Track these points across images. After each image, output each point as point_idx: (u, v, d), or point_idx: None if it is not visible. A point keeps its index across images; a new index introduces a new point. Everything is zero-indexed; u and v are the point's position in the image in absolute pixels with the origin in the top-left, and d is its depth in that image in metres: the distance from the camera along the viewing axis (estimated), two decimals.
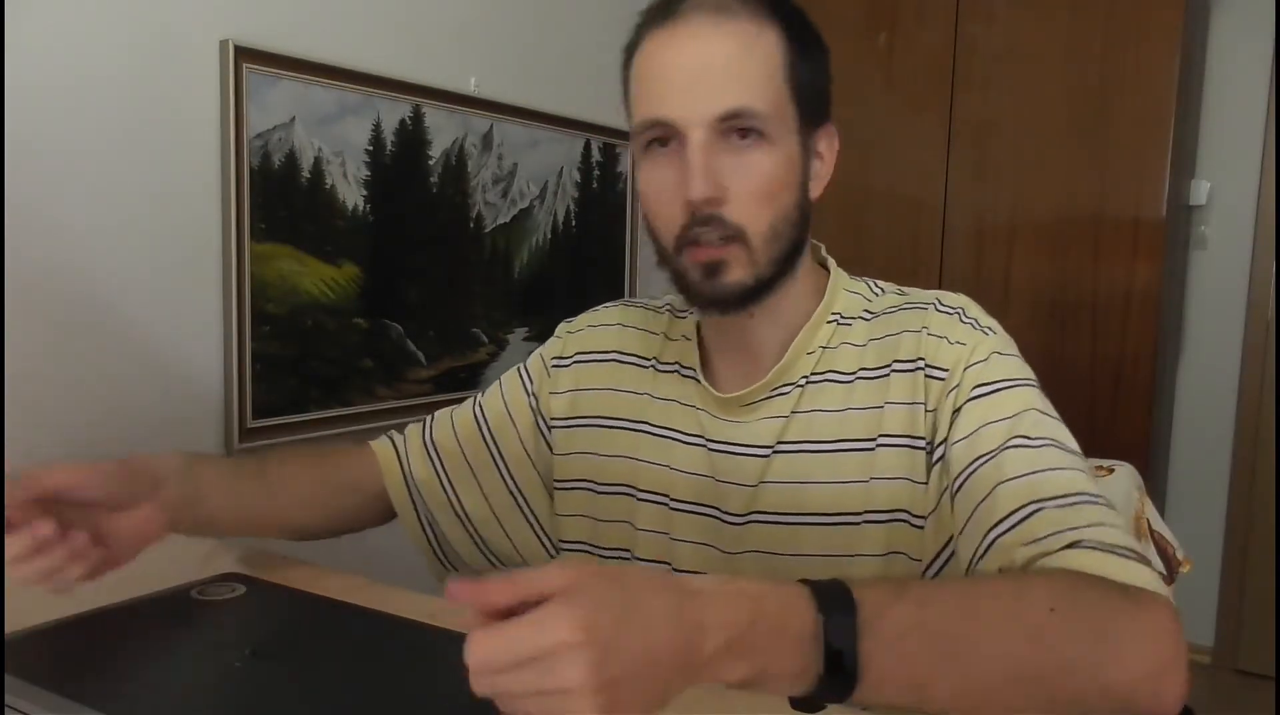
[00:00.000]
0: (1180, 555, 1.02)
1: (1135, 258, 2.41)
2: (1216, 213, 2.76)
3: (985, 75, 2.57)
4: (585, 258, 2.36)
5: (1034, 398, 0.79)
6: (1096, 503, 0.72)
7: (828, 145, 0.86)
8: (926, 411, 0.81)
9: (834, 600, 0.55)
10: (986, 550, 0.72)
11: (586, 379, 0.99)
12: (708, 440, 0.89)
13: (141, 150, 1.49)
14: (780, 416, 0.86)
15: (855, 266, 0.94)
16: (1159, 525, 1.03)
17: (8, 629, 0.73)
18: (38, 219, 1.37)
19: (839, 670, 0.54)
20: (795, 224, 0.83)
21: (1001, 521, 0.72)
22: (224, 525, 0.90)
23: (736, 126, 0.78)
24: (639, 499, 0.92)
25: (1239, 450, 2.77)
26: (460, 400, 1.08)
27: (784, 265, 0.83)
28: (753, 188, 0.79)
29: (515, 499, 1.02)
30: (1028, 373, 0.81)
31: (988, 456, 0.75)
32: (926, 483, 0.80)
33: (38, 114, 1.36)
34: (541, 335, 2.21)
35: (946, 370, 0.81)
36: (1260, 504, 2.72)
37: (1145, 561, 0.68)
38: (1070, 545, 0.68)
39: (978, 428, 0.77)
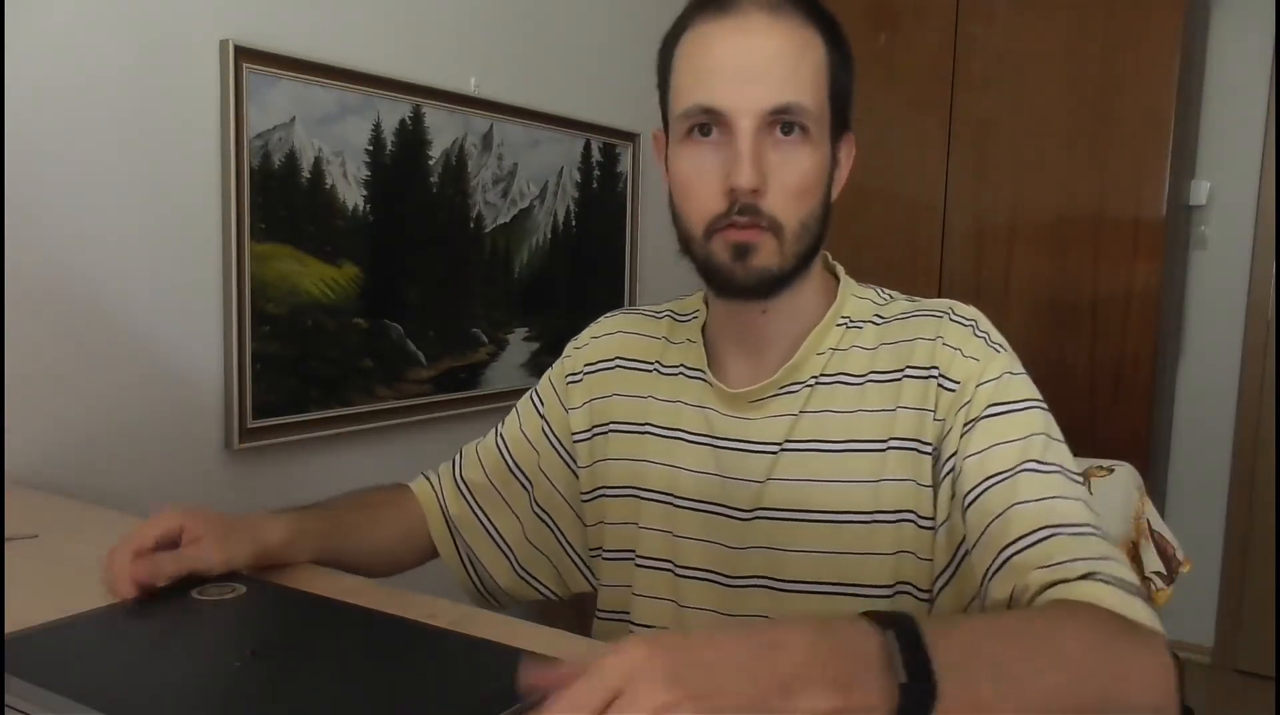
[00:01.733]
0: (1180, 555, 1.02)
1: (1135, 258, 2.42)
2: (1216, 213, 2.76)
3: (985, 75, 2.57)
4: (585, 258, 2.36)
5: (1043, 421, 0.81)
6: (1100, 535, 0.74)
7: (847, 153, 0.89)
8: (935, 419, 0.82)
9: (892, 620, 0.56)
10: (1000, 566, 0.74)
11: (596, 388, 1.00)
12: (715, 438, 0.90)
13: (141, 150, 1.49)
14: (789, 414, 0.87)
15: (855, 266, 0.95)
16: (1159, 525, 1.03)
17: (8, 629, 0.73)
18: (37, 219, 1.37)
19: (921, 682, 0.54)
20: (820, 222, 0.85)
21: (1017, 541, 0.74)
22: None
23: (784, 120, 0.80)
24: (643, 498, 0.93)
25: (1239, 450, 2.77)
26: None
27: (806, 261, 0.85)
28: (793, 182, 0.81)
29: (546, 524, 1.04)
30: (1035, 393, 0.83)
31: (1001, 476, 0.77)
32: (932, 487, 0.82)
33: (38, 114, 1.36)
34: (542, 335, 2.22)
35: (958, 383, 0.82)
36: (1260, 504, 2.72)
37: (1146, 597, 0.70)
38: (1085, 576, 0.70)
39: (990, 446, 0.79)
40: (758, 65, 0.80)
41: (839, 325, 0.89)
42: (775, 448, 0.87)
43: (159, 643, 0.75)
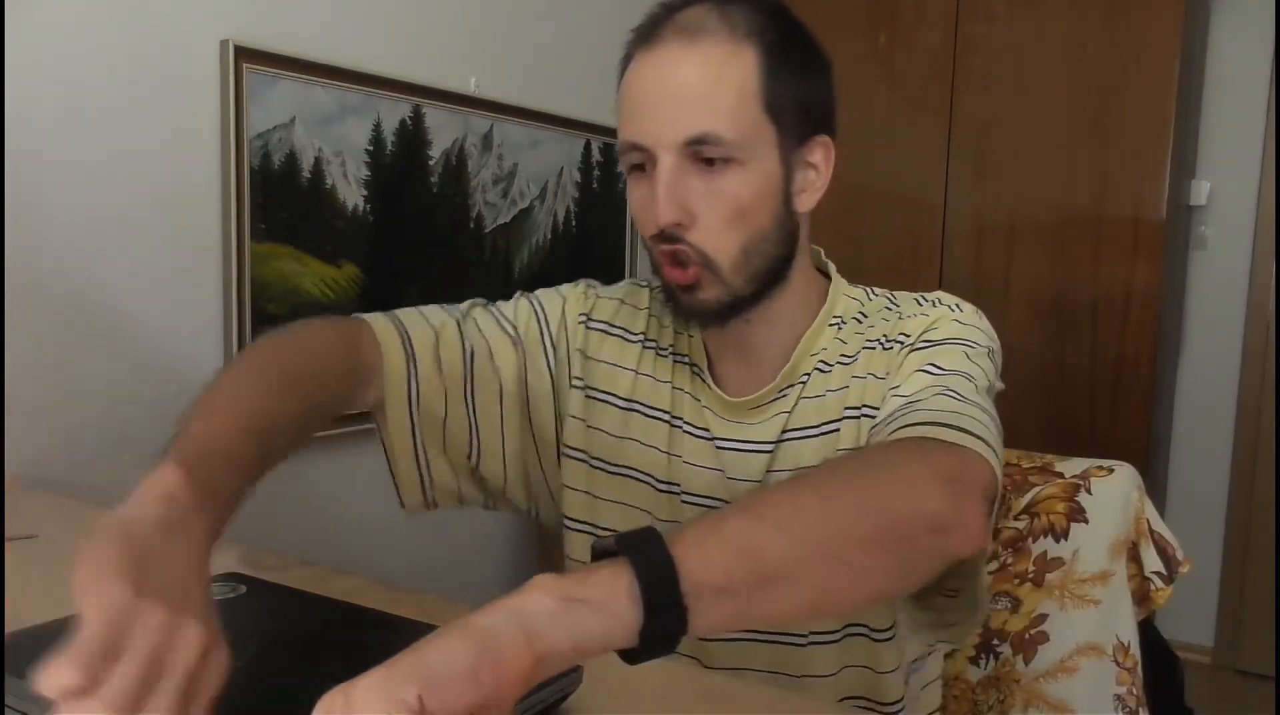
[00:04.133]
0: (1180, 555, 1.02)
1: (1135, 258, 2.41)
2: (1216, 213, 2.76)
3: (985, 75, 2.57)
4: (585, 258, 2.36)
5: (972, 352, 0.81)
6: (963, 399, 0.73)
7: (823, 156, 0.86)
8: (877, 379, 0.85)
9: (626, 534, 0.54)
10: None
11: (610, 352, 0.96)
12: (714, 436, 0.90)
13: (142, 150, 1.49)
14: (783, 413, 0.88)
15: (855, 267, 0.95)
16: (1159, 525, 1.02)
17: (8, 629, 0.73)
18: (38, 219, 1.37)
19: (658, 567, 0.50)
20: (776, 240, 0.84)
21: (878, 424, 0.76)
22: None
23: (702, 151, 0.79)
24: (659, 490, 0.92)
25: (1239, 450, 2.77)
26: None
27: (767, 279, 0.84)
28: (721, 212, 0.80)
29: (500, 426, 0.96)
30: (978, 338, 0.83)
31: (901, 389, 0.79)
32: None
33: (38, 114, 1.37)
34: None
35: (908, 336, 0.84)
36: (1260, 504, 2.72)
37: (980, 436, 0.68)
38: (906, 426, 0.70)
39: (910, 375, 0.80)
40: (669, 98, 0.79)
41: (831, 325, 0.90)
42: (771, 446, 0.88)
43: None
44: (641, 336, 0.96)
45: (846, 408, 0.86)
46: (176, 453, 0.68)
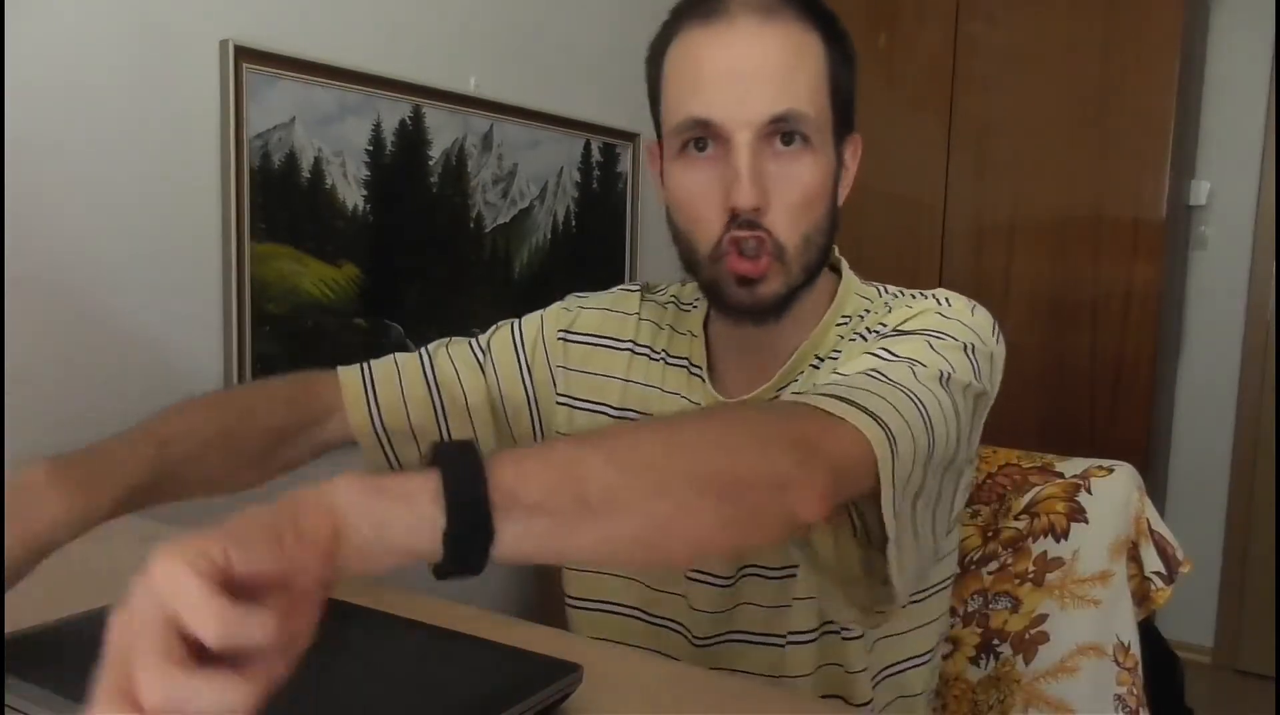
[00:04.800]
0: (1180, 555, 1.02)
1: (1135, 258, 2.42)
2: (1216, 213, 2.76)
3: (985, 75, 2.57)
4: (585, 258, 2.36)
5: (938, 343, 0.75)
6: (888, 382, 0.68)
7: (853, 154, 0.86)
8: None
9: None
10: None
11: (598, 363, 0.95)
12: None
13: (141, 150, 1.49)
14: None
15: (855, 267, 0.93)
16: (1159, 525, 1.02)
17: (8, 629, 0.73)
18: (37, 219, 1.37)
19: (466, 471, 0.48)
20: (826, 233, 0.82)
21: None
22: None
23: (783, 130, 0.77)
24: None
25: (1239, 450, 2.77)
26: None
27: (812, 273, 0.83)
28: (795, 197, 0.78)
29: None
30: (955, 332, 0.77)
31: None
32: None
33: (38, 114, 1.37)
34: None
35: (885, 326, 0.81)
36: (1260, 504, 2.72)
37: (871, 412, 0.63)
38: (804, 395, 0.66)
39: (858, 356, 0.76)
40: (752, 73, 0.76)
41: (838, 325, 0.87)
42: None
43: None
44: (630, 343, 0.95)
45: None
46: (63, 454, 0.74)
